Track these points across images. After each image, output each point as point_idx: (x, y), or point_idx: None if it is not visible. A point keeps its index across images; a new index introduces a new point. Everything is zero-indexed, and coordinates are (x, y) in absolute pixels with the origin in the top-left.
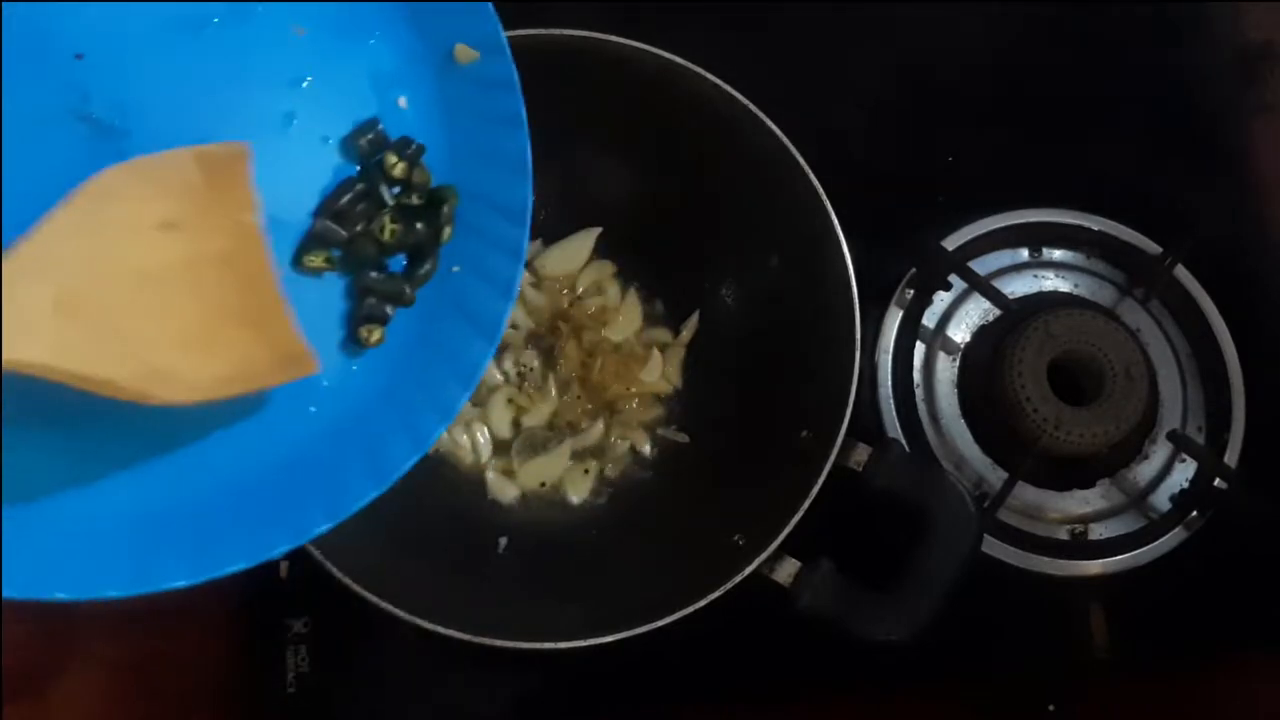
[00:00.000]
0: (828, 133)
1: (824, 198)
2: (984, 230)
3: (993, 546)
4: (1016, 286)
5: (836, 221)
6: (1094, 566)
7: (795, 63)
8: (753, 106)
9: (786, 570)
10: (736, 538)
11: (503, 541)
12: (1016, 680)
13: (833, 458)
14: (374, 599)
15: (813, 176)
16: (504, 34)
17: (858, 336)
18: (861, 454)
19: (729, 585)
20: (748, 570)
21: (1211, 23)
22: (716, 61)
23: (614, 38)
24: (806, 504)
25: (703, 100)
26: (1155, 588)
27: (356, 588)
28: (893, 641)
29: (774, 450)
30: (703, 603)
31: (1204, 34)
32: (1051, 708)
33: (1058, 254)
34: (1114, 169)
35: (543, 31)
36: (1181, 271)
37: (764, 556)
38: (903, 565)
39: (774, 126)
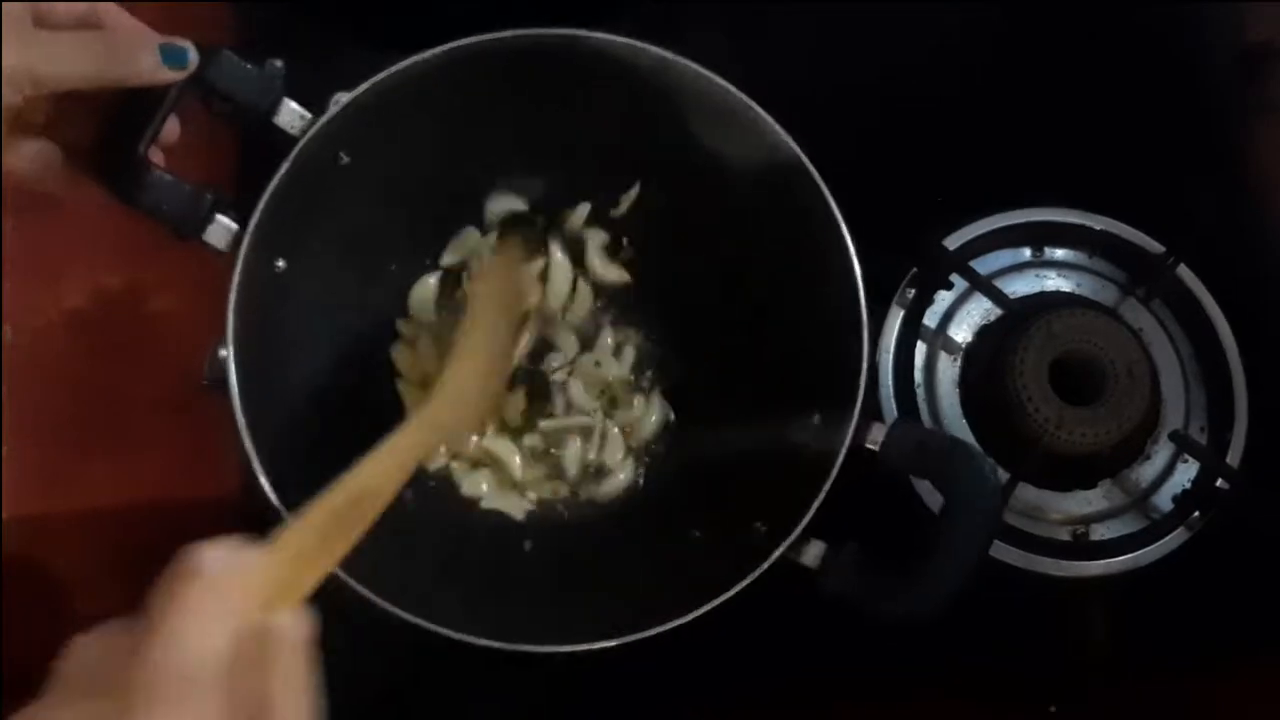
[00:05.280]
0: (827, 132)
1: (819, 179)
2: (985, 230)
3: (994, 547)
4: (1018, 286)
5: (834, 203)
6: (1095, 567)
7: (795, 62)
8: (755, 105)
9: (813, 552)
10: (759, 525)
11: (528, 545)
12: (1017, 680)
13: (848, 439)
14: (395, 609)
15: (808, 163)
16: None
17: (864, 317)
18: (878, 433)
19: (756, 573)
20: (774, 556)
21: (1211, 23)
22: (715, 61)
23: (613, 36)
24: (826, 486)
25: (705, 99)
26: (1157, 589)
27: (372, 595)
28: (918, 617)
29: (788, 436)
30: (731, 593)
31: (1204, 34)
32: (1052, 708)
33: (1059, 253)
34: (1115, 168)
35: (538, 32)
36: (1184, 271)
37: (789, 541)
38: (927, 539)
39: (774, 123)
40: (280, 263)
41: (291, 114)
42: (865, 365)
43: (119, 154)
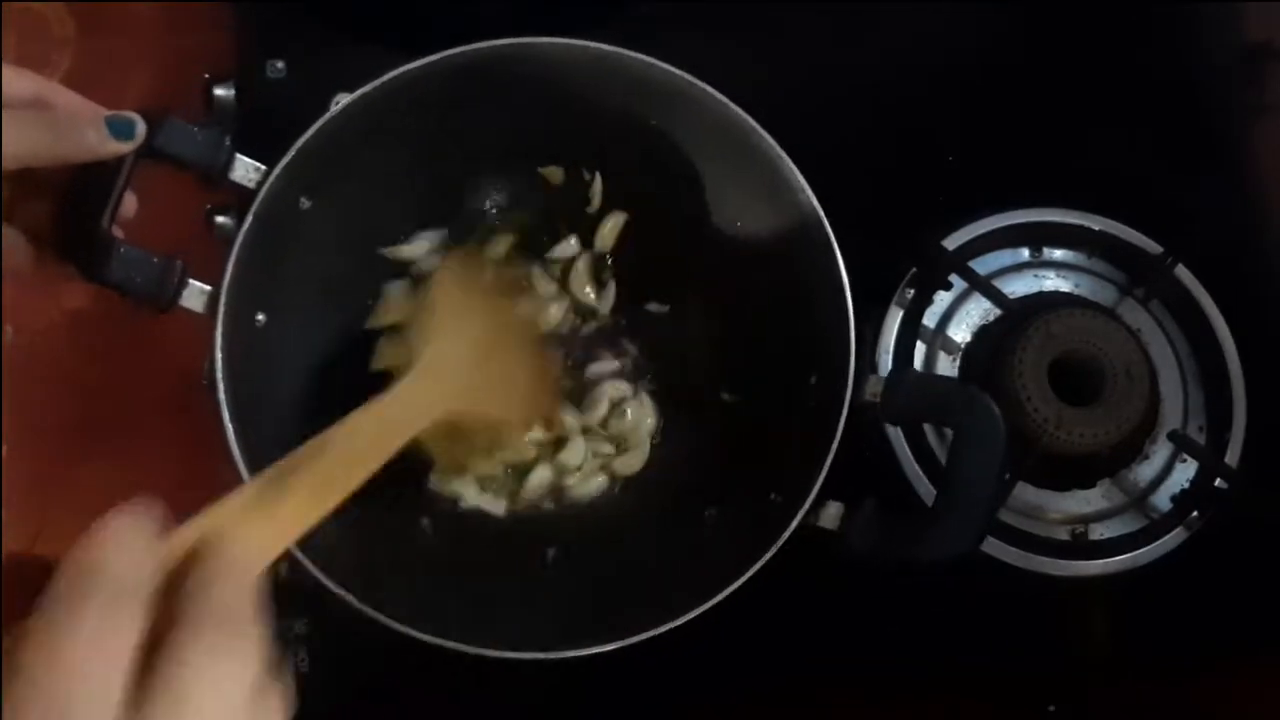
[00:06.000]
0: (828, 133)
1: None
2: (984, 230)
3: (993, 546)
4: (1017, 286)
5: (799, 171)
6: (1094, 567)
7: (794, 63)
8: (732, 104)
9: (831, 514)
10: (774, 496)
11: (550, 553)
12: (1016, 680)
13: (848, 396)
14: (406, 629)
15: (779, 148)
16: None
17: (844, 277)
18: (875, 385)
19: (780, 541)
20: (795, 521)
21: (1211, 23)
22: (711, 65)
23: (594, 44)
24: (835, 444)
25: (686, 102)
26: (1155, 588)
27: (381, 617)
28: (947, 558)
29: (785, 404)
30: (757, 566)
31: (1204, 34)
32: (1052, 708)
33: (1058, 253)
34: (1114, 169)
35: (511, 42)
36: (1182, 271)
37: (808, 504)
38: (944, 483)
39: (748, 116)
40: (260, 316)
41: (246, 168)
42: (853, 318)
43: (82, 232)
